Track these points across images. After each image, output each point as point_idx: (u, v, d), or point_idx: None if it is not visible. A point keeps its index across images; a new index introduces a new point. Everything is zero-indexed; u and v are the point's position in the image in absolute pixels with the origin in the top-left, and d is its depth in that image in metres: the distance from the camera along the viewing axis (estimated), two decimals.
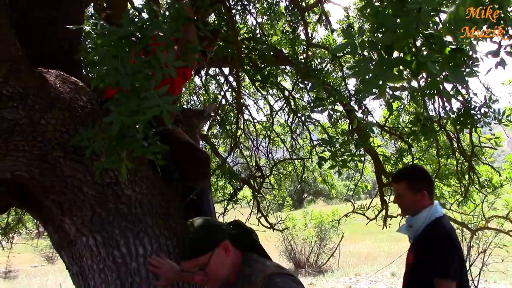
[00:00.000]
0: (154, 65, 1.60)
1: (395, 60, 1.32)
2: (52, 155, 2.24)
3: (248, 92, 8.04)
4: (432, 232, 2.93)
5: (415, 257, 2.96)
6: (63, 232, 2.54)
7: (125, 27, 1.58)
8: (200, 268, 2.11)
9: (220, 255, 2.13)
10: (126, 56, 1.58)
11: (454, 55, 1.33)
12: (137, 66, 1.58)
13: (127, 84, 1.53)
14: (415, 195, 2.97)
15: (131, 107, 1.55)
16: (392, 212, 7.48)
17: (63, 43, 3.12)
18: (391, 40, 1.28)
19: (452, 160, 6.84)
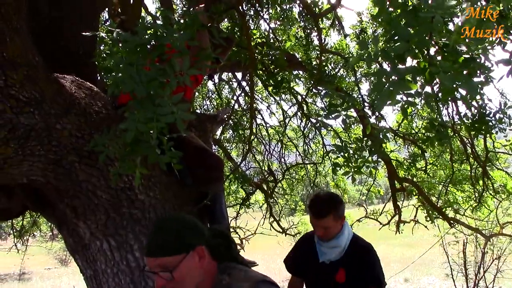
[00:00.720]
0: (169, 73, 1.62)
1: (408, 69, 1.32)
2: (67, 159, 2.27)
3: (261, 97, 8.06)
4: (358, 245, 3.10)
5: (347, 274, 3.02)
6: (78, 236, 2.56)
7: (141, 35, 1.60)
8: (166, 270, 1.85)
9: (193, 260, 1.90)
10: (141, 64, 1.59)
11: (467, 64, 1.32)
12: (152, 73, 1.60)
13: (142, 92, 1.55)
14: (339, 222, 3.04)
15: (146, 114, 1.57)
16: (405, 217, 7.44)
17: (78, 48, 3.16)
18: (404, 49, 1.28)
19: (466, 165, 6.79)
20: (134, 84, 1.53)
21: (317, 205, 3.00)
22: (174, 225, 1.93)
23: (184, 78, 1.63)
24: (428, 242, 10.79)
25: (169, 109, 1.56)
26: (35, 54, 2.20)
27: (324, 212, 2.96)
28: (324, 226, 2.99)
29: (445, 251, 10.94)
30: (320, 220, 2.98)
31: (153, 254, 1.87)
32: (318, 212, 2.99)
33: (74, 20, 3.17)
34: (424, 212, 7.63)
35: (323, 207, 2.99)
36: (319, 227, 3.01)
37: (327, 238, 3.03)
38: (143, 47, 1.62)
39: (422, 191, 6.81)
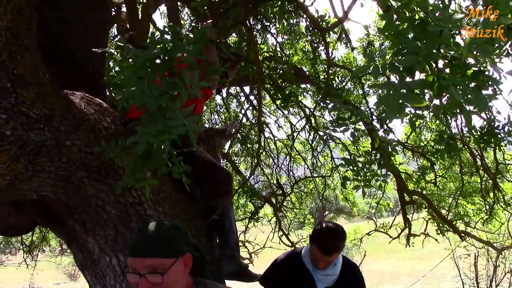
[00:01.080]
0: (180, 86, 1.63)
1: (417, 82, 1.32)
2: (77, 175, 2.28)
3: (269, 110, 8.07)
4: (348, 266, 3.09)
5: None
6: (87, 251, 2.57)
7: (151, 50, 1.62)
8: (157, 272, 1.77)
9: (180, 266, 1.86)
10: (152, 78, 1.61)
11: (476, 77, 1.32)
12: (163, 87, 1.61)
13: (153, 105, 1.56)
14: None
15: (158, 127, 1.58)
16: (415, 230, 7.38)
17: (88, 64, 3.19)
18: (412, 62, 1.28)
19: (476, 177, 6.74)
20: (145, 98, 1.55)
21: (327, 242, 2.91)
22: (167, 228, 1.88)
23: (195, 91, 1.65)
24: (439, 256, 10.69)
25: (180, 121, 1.57)
26: (45, 71, 2.23)
27: (334, 250, 2.89)
28: (330, 261, 2.94)
29: (456, 264, 10.82)
30: (328, 257, 2.91)
31: (145, 253, 1.78)
32: (328, 250, 2.90)
33: (83, 37, 3.22)
34: (434, 225, 7.57)
35: (333, 245, 2.90)
36: (325, 262, 2.94)
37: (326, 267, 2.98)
38: (153, 62, 1.64)
39: (432, 204, 6.77)
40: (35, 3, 2.08)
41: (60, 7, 3.14)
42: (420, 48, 1.30)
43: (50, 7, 3.05)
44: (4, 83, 1.98)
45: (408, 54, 1.32)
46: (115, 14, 5.90)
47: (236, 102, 8.14)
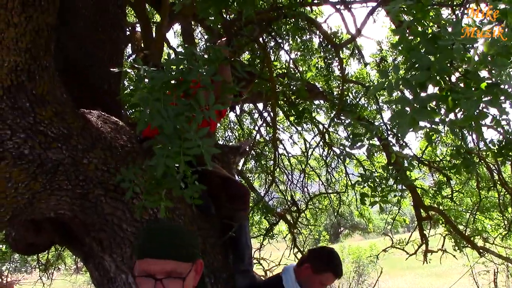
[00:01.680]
0: (195, 107, 1.65)
1: (430, 97, 1.32)
2: (94, 193, 2.30)
3: (283, 127, 8.09)
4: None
5: None
6: (103, 269, 2.57)
7: (167, 72, 1.64)
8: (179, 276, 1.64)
9: (193, 272, 1.73)
10: (168, 100, 1.63)
11: (490, 90, 1.31)
12: (179, 108, 1.63)
13: (170, 128, 1.58)
14: None
15: (174, 149, 1.59)
16: (432, 246, 7.28)
17: (103, 83, 3.24)
18: (425, 77, 1.28)
19: (494, 192, 6.65)
20: (162, 120, 1.56)
21: (340, 265, 2.89)
22: (183, 232, 1.76)
23: (210, 112, 1.66)
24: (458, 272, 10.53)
25: (195, 142, 1.58)
26: (63, 91, 2.26)
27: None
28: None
29: (475, 281, 10.64)
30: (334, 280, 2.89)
31: (167, 255, 1.64)
32: (341, 273, 2.88)
33: (98, 56, 3.26)
34: (451, 241, 7.46)
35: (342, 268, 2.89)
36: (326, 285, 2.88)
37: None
38: (169, 83, 1.66)
39: (449, 219, 6.68)
40: (52, 24, 2.12)
41: (74, 27, 3.20)
42: (433, 62, 1.30)
43: (65, 27, 3.11)
44: (23, 102, 2.01)
45: (421, 69, 1.32)
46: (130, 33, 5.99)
47: (250, 119, 8.17)
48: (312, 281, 2.80)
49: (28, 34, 1.96)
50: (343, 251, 16.78)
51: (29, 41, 1.97)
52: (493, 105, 1.32)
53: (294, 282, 2.83)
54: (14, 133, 1.98)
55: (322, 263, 2.81)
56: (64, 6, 2.90)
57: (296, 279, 2.83)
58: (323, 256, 2.86)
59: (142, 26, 4.97)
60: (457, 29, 1.31)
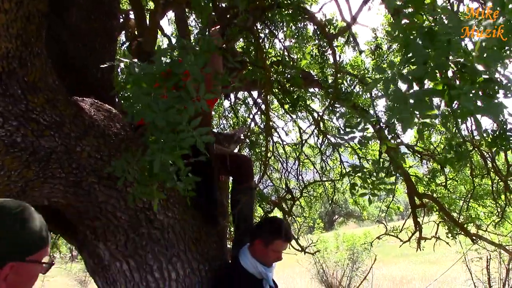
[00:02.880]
0: (186, 99, 1.63)
1: (427, 91, 1.32)
2: (87, 181, 2.29)
3: (277, 115, 8.07)
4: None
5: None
6: (98, 257, 2.58)
7: (157, 65, 1.62)
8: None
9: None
10: (158, 93, 1.62)
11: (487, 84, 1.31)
12: (169, 101, 1.62)
13: (161, 122, 1.57)
14: None
15: (169, 143, 1.59)
16: (426, 234, 7.33)
17: (96, 71, 3.21)
18: (422, 72, 1.28)
19: (487, 180, 6.68)
20: (153, 114, 1.55)
21: (287, 229, 3.04)
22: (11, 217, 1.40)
23: (201, 103, 1.65)
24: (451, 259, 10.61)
25: (189, 133, 1.58)
26: (55, 78, 2.25)
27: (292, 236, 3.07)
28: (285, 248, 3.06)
29: (468, 268, 10.73)
30: (286, 244, 3.04)
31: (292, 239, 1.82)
32: (290, 236, 3.06)
33: (92, 44, 3.24)
34: (445, 228, 7.51)
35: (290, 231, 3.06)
36: (282, 251, 3.03)
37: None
38: (159, 76, 1.65)
39: (443, 206, 6.71)
40: (44, 11, 2.10)
41: (68, 15, 3.16)
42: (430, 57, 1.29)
43: (57, 14, 3.08)
44: (15, 90, 2.00)
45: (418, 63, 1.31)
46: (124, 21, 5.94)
47: (244, 107, 8.14)
48: (266, 253, 2.93)
49: (19, 20, 1.94)
50: (338, 239, 16.83)
51: (20, 27, 1.95)
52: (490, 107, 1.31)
53: (252, 259, 2.93)
54: (6, 121, 1.96)
55: (269, 234, 2.94)
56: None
57: (252, 257, 2.94)
58: (268, 227, 3.01)
59: (135, 13, 4.92)
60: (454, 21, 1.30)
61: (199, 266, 2.72)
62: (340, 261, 15.68)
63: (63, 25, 3.12)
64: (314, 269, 15.63)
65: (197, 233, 2.79)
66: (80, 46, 3.16)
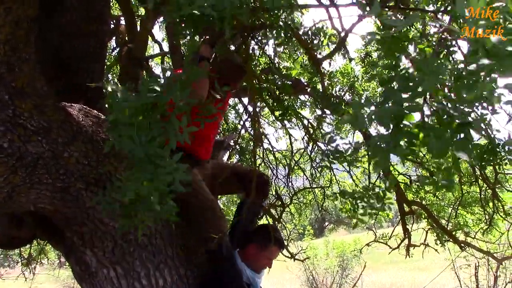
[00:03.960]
0: (170, 132, 1.63)
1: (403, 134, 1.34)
2: (75, 187, 2.28)
3: (267, 121, 8.08)
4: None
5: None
6: (85, 263, 2.56)
7: (143, 96, 1.62)
8: None
9: None
10: (142, 124, 1.61)
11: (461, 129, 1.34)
12: (153, 133, 1.62)
13: (140, 153, 1.58)
14: None
15: (146, 176, 1.59)
16: (415, 240, 7.35)
17: (86, 76, 3.21)
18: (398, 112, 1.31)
19: (476, 187, 6.73)
20: (133, 145, 1.56)
21: (282, 237, 3.08)
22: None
23: (183, 136, 1.65)
24: (439, 266, 10.65)
25: (169, 168, 1.59)
26: (43, 83, 2.24)
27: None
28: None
29: (457, 275, 10.78)
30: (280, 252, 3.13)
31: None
32: (284, 244, 3.17)
33: (81, 50, 3.23)
34: (434, 235, 7.55)
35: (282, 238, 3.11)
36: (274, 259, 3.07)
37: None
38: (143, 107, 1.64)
39: (432, 214, 6.75)
40: (33, 16, 2.10)
41: (58, 20, 3.16)
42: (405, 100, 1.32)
43: (48, 19, 3.07)
44: (2, 95, 1.99)
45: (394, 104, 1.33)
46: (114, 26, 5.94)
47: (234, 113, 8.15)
48: (258, 258, 2.97)
49: (8, 26, 1.94)
50: (328, 246, 16.85)
51: (8, 32, 1.95)
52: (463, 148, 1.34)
53: (241, 264, 2.95)
54: None
55: (266, 240, 2.96)
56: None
57: (242, 262, 2.96)
58: (263, 233, 3.02)
59: (126, 19, 4.92)
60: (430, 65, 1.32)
61: (187, 273, 2.71)
62: (330, 268, 15.68)
63: (55, 27, 3.12)
64: (304, 276, 15.61)
65: (185, 239, 2.78)
66: (68, 51, 3.16)
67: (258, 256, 2.96)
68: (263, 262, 2.99)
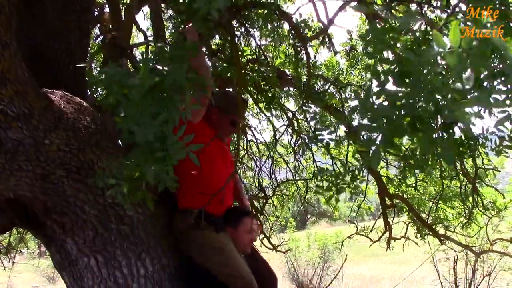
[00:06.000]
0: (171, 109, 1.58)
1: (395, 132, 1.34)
2: (55, 174, 2.26)
3: (252, 113, 8.07)
4: None
5: None
6: (65, 252, 2.54)
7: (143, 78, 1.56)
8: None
9: None
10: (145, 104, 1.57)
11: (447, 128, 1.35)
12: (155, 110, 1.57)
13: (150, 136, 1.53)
14: None
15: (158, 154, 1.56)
16: (396, 234, 7.43)
17: (69, 64, 3.16)
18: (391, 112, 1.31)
19: (456, 182, 6.81)
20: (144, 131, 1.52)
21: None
22: None
23: (186, 113, 1.62)
24: (419, 259, 10.77)
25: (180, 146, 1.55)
26: (25, 70, 2.21)
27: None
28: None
29: (436, 268, 10.93)
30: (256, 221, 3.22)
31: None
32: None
33: (65, 37, 3.18)
34: (414, 229, 7.63)
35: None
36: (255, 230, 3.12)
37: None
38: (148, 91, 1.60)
39: (412, 207, 6.82)
40: (14, 1, 2.06)
41: (41, 7, 3.10)
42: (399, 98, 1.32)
43: (30, 6, 3.02)
44: None
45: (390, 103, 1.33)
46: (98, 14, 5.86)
47: None
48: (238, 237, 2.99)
49: None
50: (310, 238, 16.93)
51: None
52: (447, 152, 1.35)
53: None
54: None
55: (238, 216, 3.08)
56: None
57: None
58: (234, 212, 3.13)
59: (110, 7, 4.85)
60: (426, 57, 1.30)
61: (169, 262, 2.70)
62: (312, 260, 15.78)
63: (35, 18, 3.06)
64: (285, 268, 15.69)
65: (167, 229, 2.77)
66: (51, 38, 3.10)
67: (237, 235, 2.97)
68: (246, 239, 3.01)
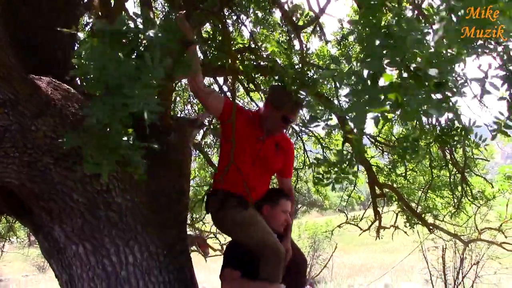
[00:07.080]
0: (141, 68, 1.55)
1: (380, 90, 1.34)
2: (42, 161, 2.23)
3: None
4: None
5: None
6: (53, 239, 2.52)
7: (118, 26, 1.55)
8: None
9: None
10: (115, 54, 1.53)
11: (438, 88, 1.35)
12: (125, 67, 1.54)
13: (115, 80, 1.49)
14: None
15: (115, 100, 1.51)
16: (386, 223, 7.48)
17: (57, 51, 3.12)
18: (376, 68, 1.30)
19: (445, 171, 6.84)
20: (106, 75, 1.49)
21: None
22: None
23: (156, 72, 1.57)
24: (408, 248, 10.87)
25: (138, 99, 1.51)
26: (10, 55, 2.17)
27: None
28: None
29: (425, 256, 11.03)
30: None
31: None
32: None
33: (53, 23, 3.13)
34: (404, 218, 7.68)
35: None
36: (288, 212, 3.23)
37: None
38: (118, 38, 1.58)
39: (402, 196, 6.86)
40: None
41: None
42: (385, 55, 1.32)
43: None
44: None
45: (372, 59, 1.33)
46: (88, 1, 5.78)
47: None
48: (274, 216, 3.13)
49: None
50: (300, 227, 17.03)
51: None
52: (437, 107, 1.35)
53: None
54: None
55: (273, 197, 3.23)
56: None
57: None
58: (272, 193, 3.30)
59: None
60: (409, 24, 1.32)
61: (157, 250, 2.69)
62: (302, 248, 15.80)
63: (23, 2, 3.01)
64: None
65: (156, 217, 2.75)
66: (39, 24, 3.05)
67: (274, 213, 3.11)
68: (282, 218, 3.13)
